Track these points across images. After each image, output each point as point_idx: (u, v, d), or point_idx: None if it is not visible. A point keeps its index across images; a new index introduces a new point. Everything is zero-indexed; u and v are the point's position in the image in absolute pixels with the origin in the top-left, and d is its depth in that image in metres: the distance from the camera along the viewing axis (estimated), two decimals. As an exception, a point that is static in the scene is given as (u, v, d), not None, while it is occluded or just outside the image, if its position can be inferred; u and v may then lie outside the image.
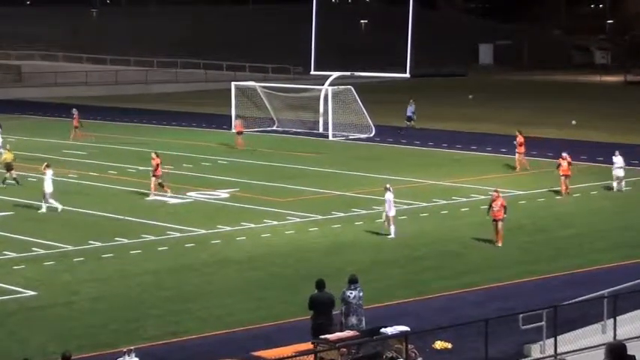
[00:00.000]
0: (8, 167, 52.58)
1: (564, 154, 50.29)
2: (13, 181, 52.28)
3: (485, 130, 73.73)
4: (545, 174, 55.06)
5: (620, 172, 50.70)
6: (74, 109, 73.22)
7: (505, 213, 39.56)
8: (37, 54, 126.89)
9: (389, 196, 40.60)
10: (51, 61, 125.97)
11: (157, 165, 48.97)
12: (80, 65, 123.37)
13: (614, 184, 50.96)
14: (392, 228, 40.66)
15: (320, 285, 28.12)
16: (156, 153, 50.17)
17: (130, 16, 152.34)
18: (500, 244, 39.26)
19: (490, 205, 39.73)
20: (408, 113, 76.26)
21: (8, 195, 49.99)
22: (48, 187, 46.22)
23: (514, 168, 56.53)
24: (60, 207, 46.09)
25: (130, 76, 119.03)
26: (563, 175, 49.87)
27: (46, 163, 48.13)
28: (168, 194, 48.84)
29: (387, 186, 41.32)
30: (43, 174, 46.79)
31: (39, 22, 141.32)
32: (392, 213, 40.75)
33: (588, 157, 60.31)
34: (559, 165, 50.34)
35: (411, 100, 77.34)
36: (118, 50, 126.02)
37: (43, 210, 46.18)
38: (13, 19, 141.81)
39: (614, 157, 51.22)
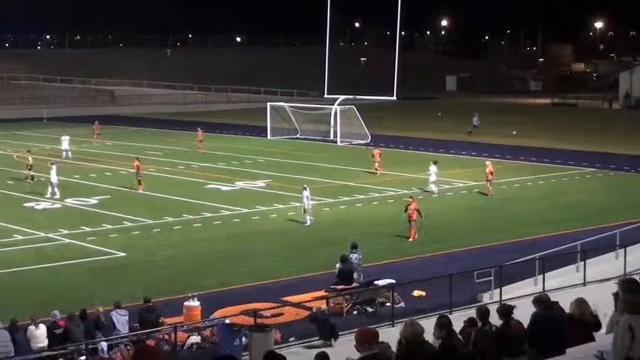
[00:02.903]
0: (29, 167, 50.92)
1: (487, 162, 47.22)
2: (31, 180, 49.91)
3: (450, 138, 73.54)
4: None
5: (433, 177, 46.66)
6: (96, 121, 74.01)
7: (420, 215, 36.28)
8: (126, 82, 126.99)
9: (305, 193, 39.03)
10: (137, 87, 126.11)
11: (137, 166, 47.77)
12: (158, 90, 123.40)
13: (434, 184, 46.74)
14: (308, 217, 38.93)
15: (343, 259, 28.32)
16: (137, 158, 49.39)
17: (195, 55, 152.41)
18: (411, 240, 35.88)
19: (406, 209, 36.73)
20: (474, 123, 77.37)
21: (106, 183, 50.05)
22: (54, 179, 45.50)
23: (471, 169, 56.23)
24: (58, 194, 45.16)
25: (194, 98, 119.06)
26: (487, 180, 46.12)
27: (51, 161, 47.72)
28: (140, 190, 47.09)
29: (305, 186, 40.08)
30: (50, 168, 45.98)
31: (129, 58, 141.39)
32: (308, 206, 39.02)
33: (525, 158, 60.17)
34: (489, 172, 45.97)
35: (476, 113, 78.78)
36: (185, 79, 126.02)
37: (48, 195, 45.24)
38: (110, 57, 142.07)
39: (430, 167, 47.03)
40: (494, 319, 14.36)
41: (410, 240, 35.98)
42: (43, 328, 22.53)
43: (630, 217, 38.71)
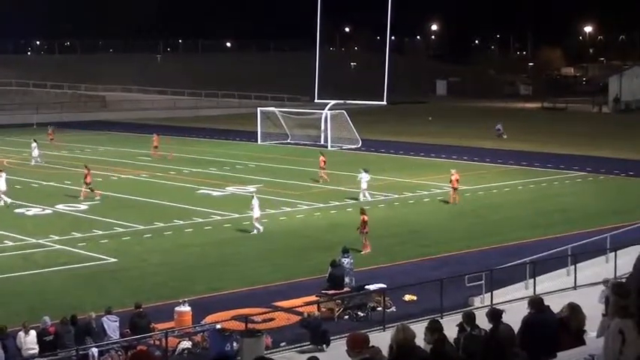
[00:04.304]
0: None
1: (453, 171, 45.59)
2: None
3: (441, 142, 73.58)
4: (482, 175, 55.02)
5: (364, 185, 45.99)
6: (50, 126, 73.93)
7: (365, 228, 34.73)
8: (117, 87, 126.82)
9: (254, 202, 38.59)
10: (127, 92, 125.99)
11: (87, 175, 46.84)
12: (148, 95, 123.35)
13: (362, 193, 45.94)
14: (257, 225, 38.28)
15: (334, 264, 28.37)
16: (86, 166, 48.50)
17: (185, 60, 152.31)
18: (363, 253, 34.15)
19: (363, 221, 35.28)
20: (498, 128, 77.69)
21: (96, 188, 49.91)
22: (2, 186, 45.13)
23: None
24: (9, 201, 44.80)
25: (185, 103, 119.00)
26: (453, 188, 44.88)
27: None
28: (97, 198, 46.36)
29: (253, 195, 39.97)
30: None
31: (119, 64, 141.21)
32: (256, 215, 38.43)
33: (515, 162, 60.25)
34: (455, 180, 44.94)
35: (498, 122, 79.02)
36: (175, 84, 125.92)
37: (1, 203, 44.91)
38: (101, 63, 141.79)
39: (360, 174, 46.28)
40: (485, 324, 14.36)
41: (363, 253, 34.09)
42: (33, 334, 22.48)
43: (620, 220, 38.81)
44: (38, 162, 59.91)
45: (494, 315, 14.19)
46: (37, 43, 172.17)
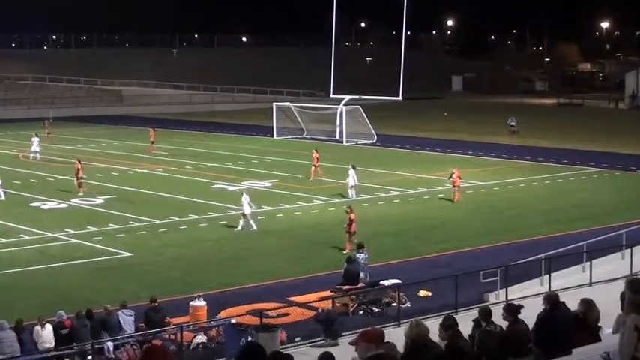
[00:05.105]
0: None
1: (454, 169, 44.80)
2: None
3: (456, 138, 73.52)
4: (497, 171, 54.95)
5: (352, 182, 44.86)
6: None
7: (353, 227, 33.91)
8: (133, 82, 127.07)
9: (244, 199, 38.05)
10: (143, 87, 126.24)
11: (78, 169, 46.48)
12: (164, 90, 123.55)
13: (350, 190, 44.86)
14: (251, 222, 37.80)
15: (350, 260, 28.35)
16: (79, 160, 47.94)
17: (201, 55, 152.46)
18: (347, 251, 32.61)
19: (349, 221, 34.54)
20: (511, 123, 76.67)
21: (112, 183, 50.07)
22: None
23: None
24: (3, 198, 44.81)
25: (200, 98, 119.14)
26: (454, 186, 44.28)
27: None
28: (80, 194, 45.84)
29: (243, 192, 39.49)
30: None
31: (135, 59, 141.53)
32: (247, 211, 37.92)
33: (531, 158, 60.12)
34: (450, 176, 44.45)
35: (511, 116, 78.00)
36: (191, 79, 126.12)
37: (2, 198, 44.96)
38: (117, 57, 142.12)
39: (349, 172, 45.05)
40: (499, 320, 14.35)
41: (346, 252, 32.57)
42: (49, 327, 22.58)
43: (636, 217, 38.61)
44: (37, 157, 59.59)
45: (513, 310, 14.18)
46: (54, 37, 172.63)
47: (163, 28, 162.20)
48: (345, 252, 32.94)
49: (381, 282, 27.84)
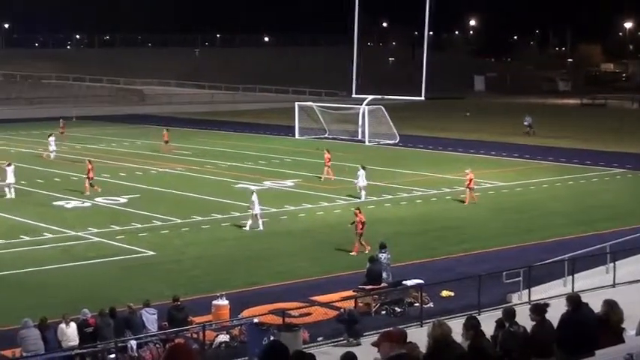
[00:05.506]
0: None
1: (467, 171, 44.60)
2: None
3: (478, 138, 73.40)
4: (520, 171, 54.80)
5: (362, 182, 44.60)
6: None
7: (362, 228, 33.68)
8: (155, 81, 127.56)
9: (254, 197, 37.89)
10: (165, 86, 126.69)
11: (89, 170, 46.47)
12: (186, 89, 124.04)
13: (360, 191, 44.66)
14: (259, 222, 37.76)
15: (372, 260, 28.36)
16: (89, 160, 47.82)
17: (222, 55, 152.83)
18: (354, 254, 33.15)
19: (353, 221, 34.14)
20: (525, 123, 76.11)
21: (135, 182, 50.26)
22: (10, 179, 45.41)
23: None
24: (14, 196, 45.22)
25: (222, 97, 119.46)
26: (468, 188, 44.01)
27: (7, 162, 46.91)
28: (87, 193, 45.78)
29: (253, 191, 39.14)
30: (5, 170, 45.62)
31: (157, 58, 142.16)
32: (257, 211, 37.86)
33: (554, 159, 59.93)
34: (469, 180, 43.92)
35: (528, 115, 77.19)
36: (213, 79, 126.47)
37: (10, 195, 45.21)
38: (139, 57, 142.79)
39: (358, 172, 44.95)
40: (523, 320, 14.34)
41: (353, 254, 33.20)
42: (73, 326, 22.69)
43: (660, 218, 38.49)
44: (50, 156, 59.98)
45: (540, 309, 14.16)
46: (77, 37, 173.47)
47: (186, 28, 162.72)
48: (351, 253, 33.19)
49: (404, 282, 27.83)
